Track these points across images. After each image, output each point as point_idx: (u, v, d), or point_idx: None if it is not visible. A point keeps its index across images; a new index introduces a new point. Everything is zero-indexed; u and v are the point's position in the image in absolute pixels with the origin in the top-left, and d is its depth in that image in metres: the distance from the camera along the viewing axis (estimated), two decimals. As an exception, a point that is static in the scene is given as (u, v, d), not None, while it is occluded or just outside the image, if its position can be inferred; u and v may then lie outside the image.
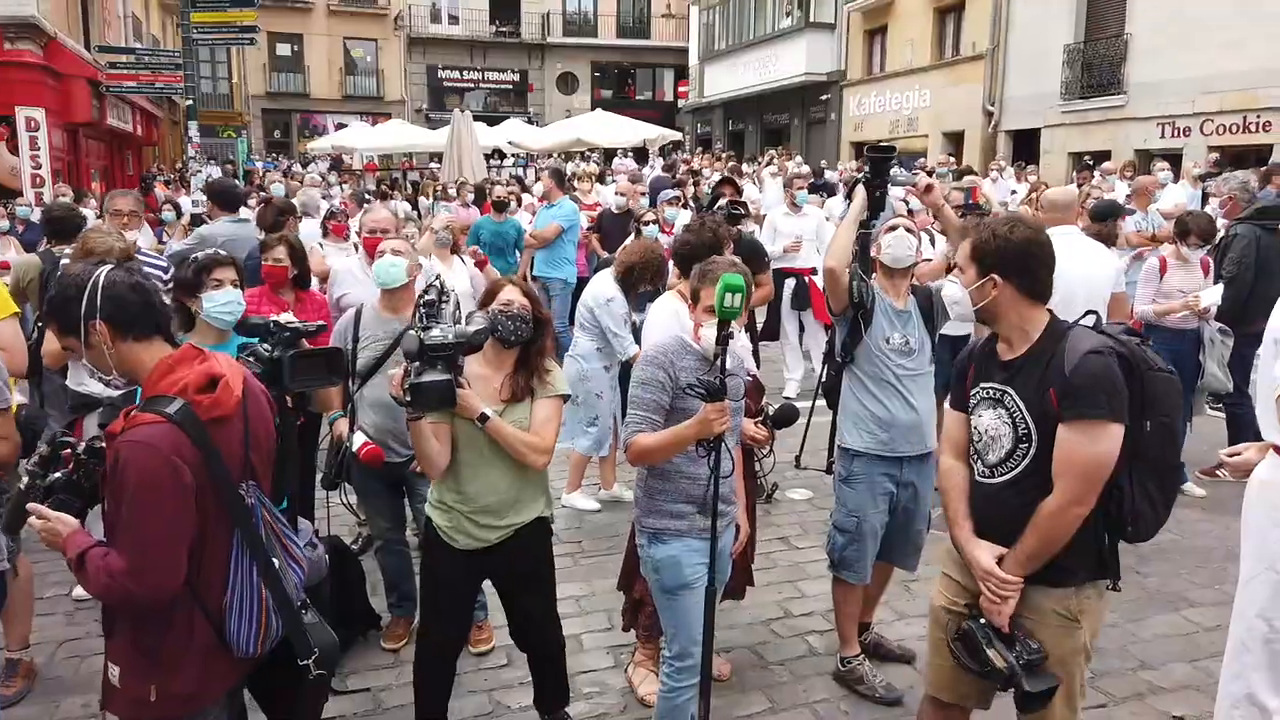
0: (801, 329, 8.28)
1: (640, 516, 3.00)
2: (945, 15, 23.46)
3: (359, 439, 3.73)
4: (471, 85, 38.63)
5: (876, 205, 3.56)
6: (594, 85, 39.80)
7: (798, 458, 5.20)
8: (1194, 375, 5.80)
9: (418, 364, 2.72)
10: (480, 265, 5.97)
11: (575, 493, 5.79)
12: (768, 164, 20.07)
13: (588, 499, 5.78)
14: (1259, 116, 15.64)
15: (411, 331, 2.88)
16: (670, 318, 3.63)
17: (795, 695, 3.74)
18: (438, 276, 2.97)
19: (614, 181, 14.15)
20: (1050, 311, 2.52)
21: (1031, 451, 2.39)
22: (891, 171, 3.66)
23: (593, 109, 28.97)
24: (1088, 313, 2.55)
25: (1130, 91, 17.86)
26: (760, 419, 3.39)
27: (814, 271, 7.85)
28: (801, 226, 8.21)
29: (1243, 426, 5.75)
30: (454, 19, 38.18)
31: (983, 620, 2.46)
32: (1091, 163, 14.45)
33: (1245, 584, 2.93)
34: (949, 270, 2.63)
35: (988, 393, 2.52)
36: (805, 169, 15.49)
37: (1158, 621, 4.34)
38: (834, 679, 3.81)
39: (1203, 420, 6.23)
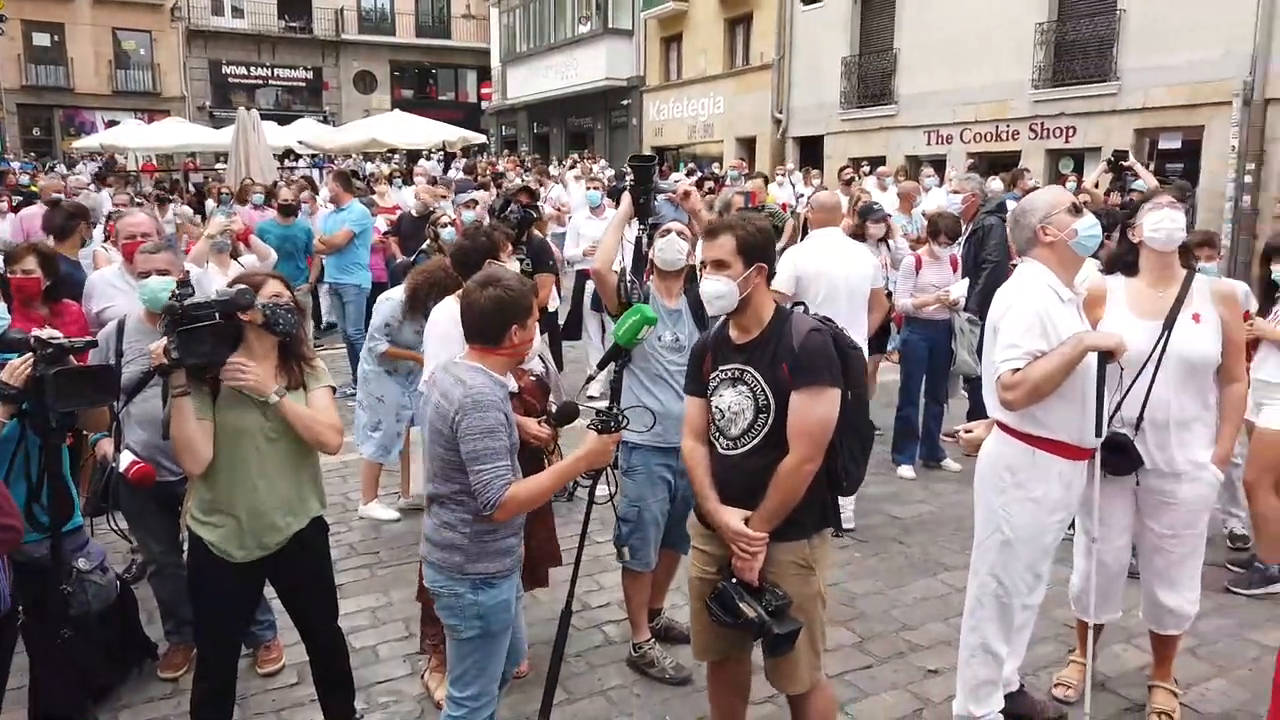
0: (603, 329, 8.46)
1: (463, 565, 2.71)
2: (735, 26, 24.52)
3: (126, 458, 3.52)
4: (260, 82, 36.67)
5: (643, 211, 3.74)
6: (394, 85, 38.77)
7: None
8: (948, 361, 6.40)
9: (181, 329, 2.68)
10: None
11: (373, 503, 5.68)
12: (571, 167, 20.28)
13: (386, 508, 5.68)
14: (1009, 126, 17.36)
15: (171, 301, 2.78)
16: (452, 324, 3.63)
17: (590, 684, 3.86)
18: (179, 283, 2.88)
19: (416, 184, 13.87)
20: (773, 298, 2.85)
21: (770, 421, 2.70)
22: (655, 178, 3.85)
23: (392, 109, 28.24)
24: (796, 304, 2.91)
25: (900, 102, 19.37)
26: (543, 418, 3.48)
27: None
28: (603, 229, 8.38)
29: (980, 406, 6.39)
30: (238, 12, 36.10)
31: (734, 580, 2.73)
32: (854, 167, 15.54)
33: (978, 546, 3.29)
34: (703, 269, 2.83)
35: (728, 374, 2.79)
36: (610, 172, 15.80)
37: (917, 586, 4.78)
38: (627, 665, 3.96)
39: (958, 401, 6.87)
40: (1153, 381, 3.24)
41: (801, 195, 16.06)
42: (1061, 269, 3.05)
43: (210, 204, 15.79)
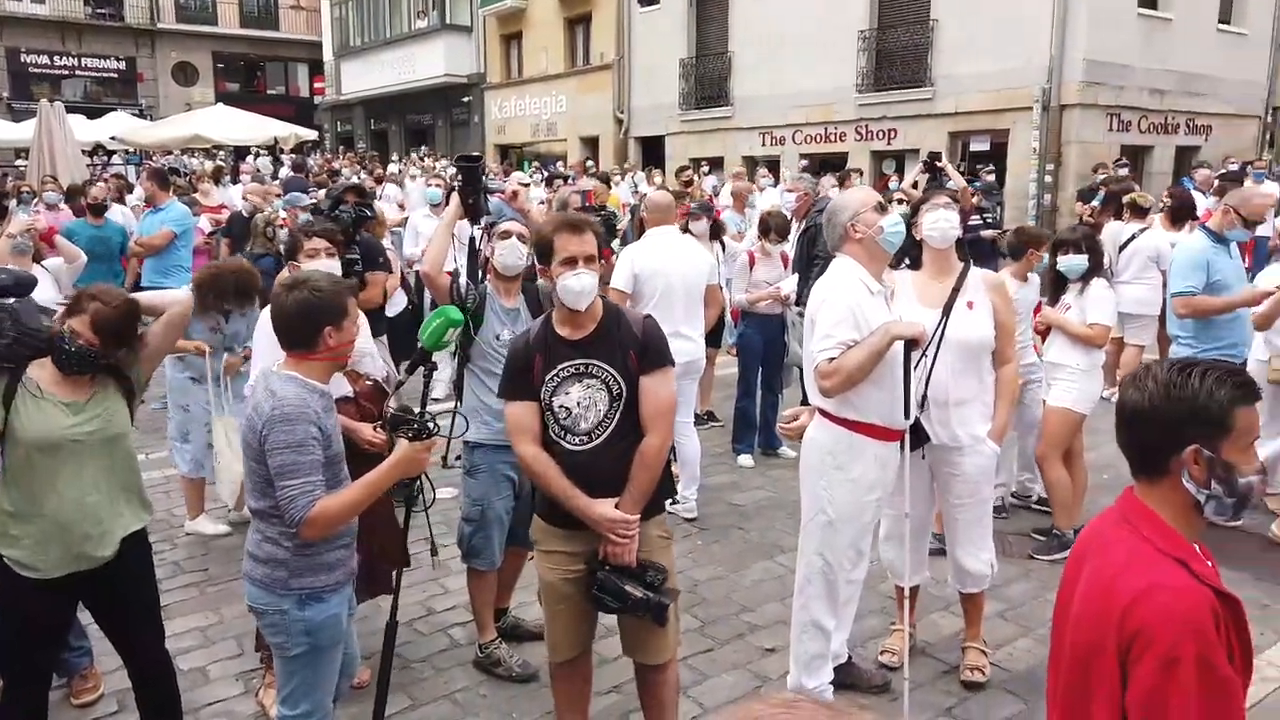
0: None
1: (288, 580, 2.61)
2: (575, 25, 24.62)
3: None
4: (66, 72, 33.97)
5: (474, 211, 3.74)
6: (217, 77, 36.71)
7: (444, 457, 5.24)
8: (782, 353, 6.68)
9: None
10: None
11: (200, 518, 5.40)
12: (412, 165, 19.82)
13: (214, 523, 5.42)
14: (836, 128, 18.23)
15: None
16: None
17: (436, 688, 3.82)
18: None
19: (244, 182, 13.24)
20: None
21: (622, 408, 2.81)
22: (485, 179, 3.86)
23: (216, 102, 26.78)
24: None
25: (736, 104, 20.00)
26: (379, 423, 3.43)
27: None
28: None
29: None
30: (38, -4, 33.31)
31: (608, 567, 2.81)
32: (694, 167, 15.99)
33: (804, 528, 3.48)
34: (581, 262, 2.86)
35: (569, 371, 2.83)
36: (454, 170, 15.50)
37: (757, 569, 4.97)
38: (474, 666, 3.95)
39: (793, 390, 7.17)
40: (934, 364, 3.52)
41: (644, 194, 16.35)
42: (871, 263, 3.27)
43: (11, 203, 14.53)
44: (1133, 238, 7.57)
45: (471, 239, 3.75)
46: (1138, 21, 15.76)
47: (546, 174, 16.68)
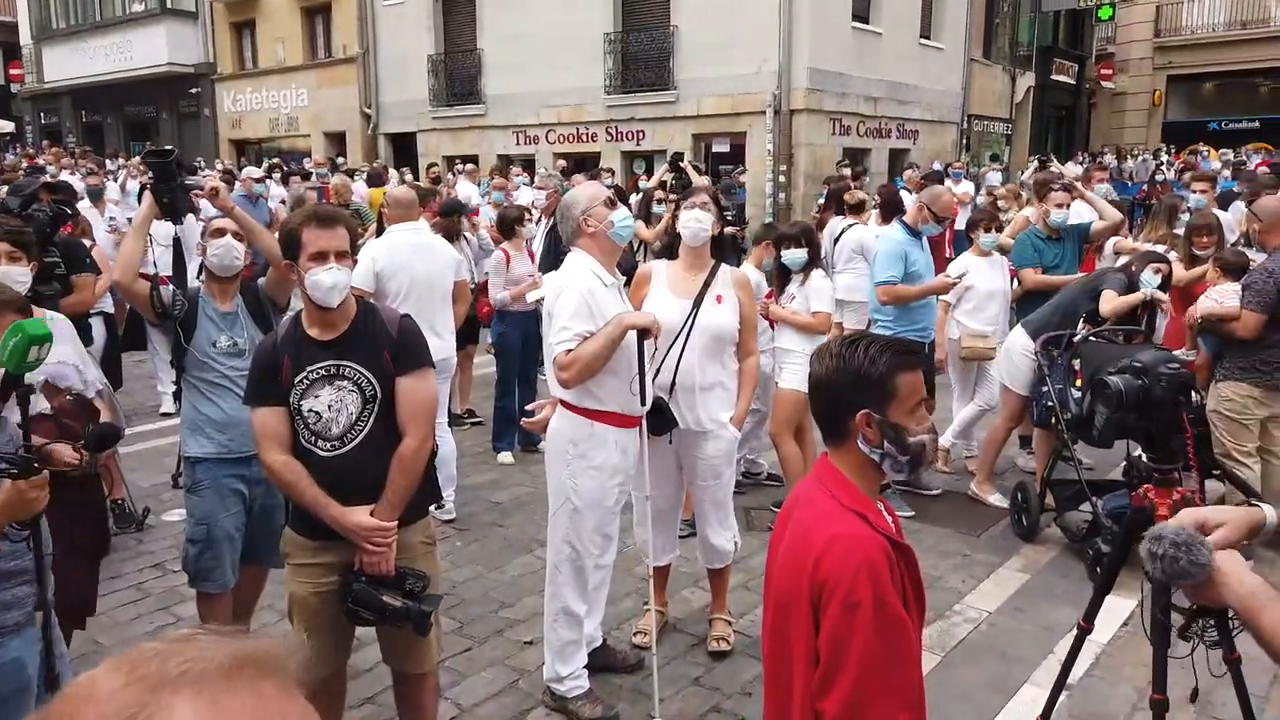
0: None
1: None
2: (313, 15, 23.48)
3: None
4: None
5: (171, 210, 3.47)
6: (-116, 59, 31.72)
7: (174, 476, 4.85)
8: (538, 347, 6.73)
9: None
10: None
11: None
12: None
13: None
14: (588, 128, 18.58)
15: None
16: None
17: None
18: None
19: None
20: None
21: (376, 410, 2.70)
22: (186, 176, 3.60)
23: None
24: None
25: (488, 102, 19.87)
26: (79, 442, 3.10)
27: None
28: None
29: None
30: None
31: (364, 577, 2.69)
32: (447, 165, 15.81)
33: (552, 517, 3.54)
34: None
35: (320, 373, 2.70)
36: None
37: (516, 564, 4.99)
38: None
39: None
40: (683, 351, 3.71)
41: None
42: (603, 256, 3.37)
43: None
44: (844, 231, 8.30)
45: (176, 240, 3.46)
46: (852, 34, 17.26)
47: (285, 171, 15.79)
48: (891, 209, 8.67)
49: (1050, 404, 5.01)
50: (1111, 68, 28.36)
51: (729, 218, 10.82)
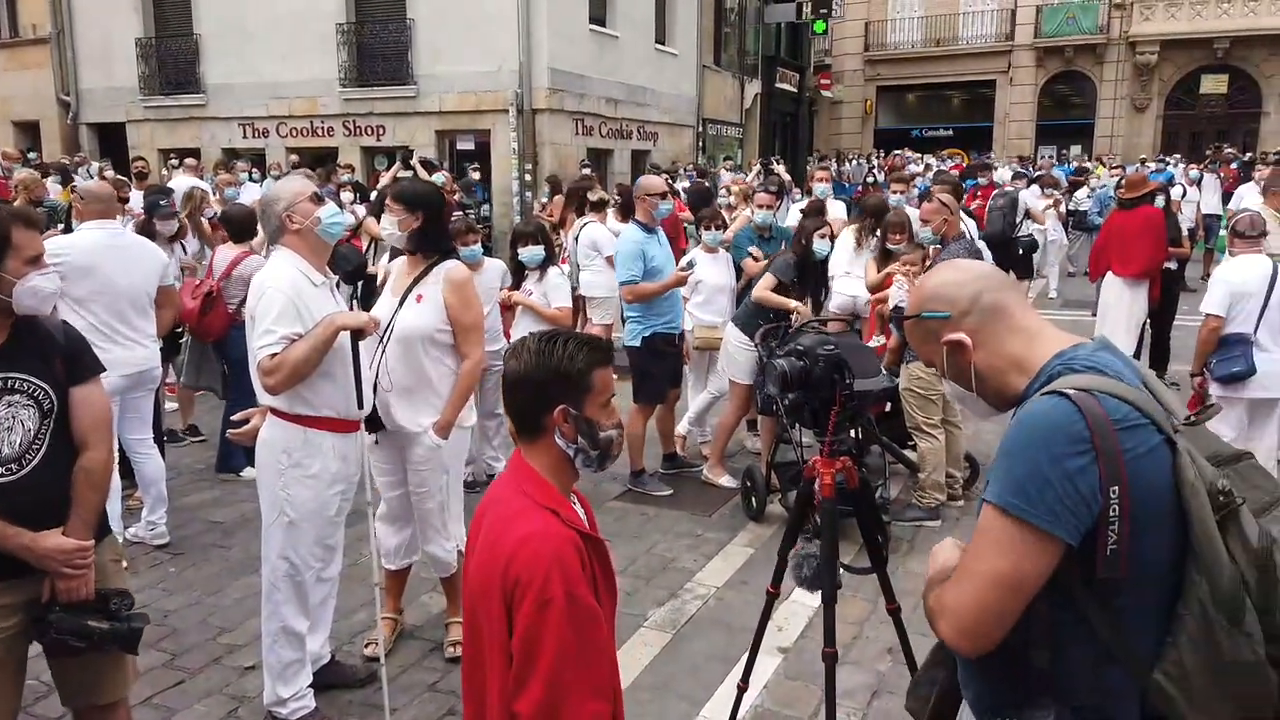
0: None
1: None
2: (-4, -12, 20.73)
3: None
4: None
5: None
6: None
7: None
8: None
9: None
10: None
11: None
12: None
13: None
14: (323, 122, 17.71)
15: None
16: None
17: None
18: None
19: None
20: None
21: (53, 425, 2.48)
22: None
23: None
24: None
25: (209, 91, 18.42)
26: None
27: None
28: None
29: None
30: None
31: (59, 607, 2.45)
32: (164, 159, 14.56)
33: (266, 531, 3.33)
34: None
35: None
36: None
37: (238, 586, 4.65)
38: None
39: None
40: (385, 352, 3.61)
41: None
42: (311, 254, 3.21)
43: None
44: (582, 229, 8.47)
45: None
46: (590, 36, 17.62)
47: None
48: (629, 208, 8.95)
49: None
50: (830, 78, 30.93)
51: (470, 215, 10.75)
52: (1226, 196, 15.75)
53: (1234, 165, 19.51)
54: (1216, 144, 24.64)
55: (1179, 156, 21.67)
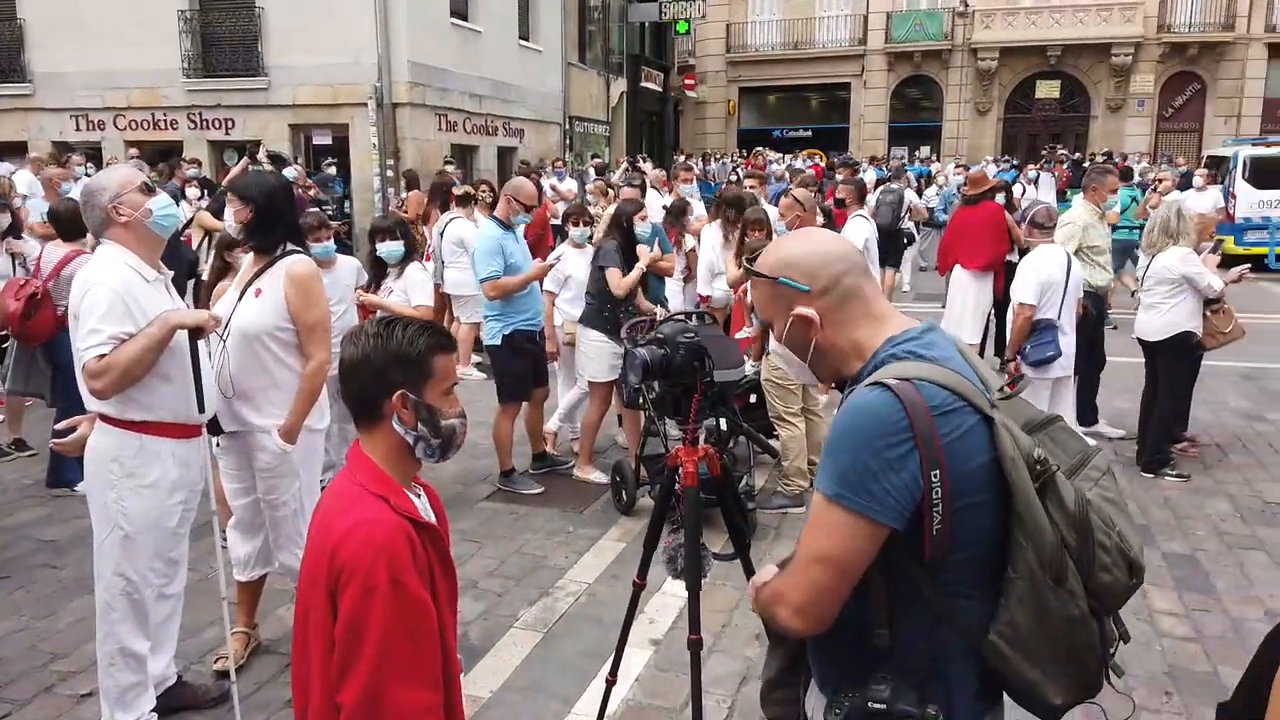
0: None
1: None
2: None
3: None
4: None
5: None
6: None
7: None
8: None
9: None
10: None
11: None
12: None
13: None
14: (166, 115, 16.72)
15: None
16: None
17: None
18: None
19: None
20: None
21: None
22: None
23: None
24: None
25: (36, 81, 17.12)
26: None
27: None
28: None
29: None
30: None
31: None
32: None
33: (98, 548, 3.09)
34: None
35: None
36: None
37: (73, 608, 4.32)
38: None
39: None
40: (224, 349, 3.42)
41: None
42: (143, 248, 3.00)
43: None
44: (448, 225, 8.32)
45: None
46: (452, 30, 17.28)
47: None
48: (493, 204, 8.82)
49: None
50: (694, 78, 31.41)
51: (326, 211, 10.37)
52: (1060, 194, 16.90)
53: (1065, 165, 20.96)
54: (1051, 145, 26.42)
55: (1008, 157, 23.13)
